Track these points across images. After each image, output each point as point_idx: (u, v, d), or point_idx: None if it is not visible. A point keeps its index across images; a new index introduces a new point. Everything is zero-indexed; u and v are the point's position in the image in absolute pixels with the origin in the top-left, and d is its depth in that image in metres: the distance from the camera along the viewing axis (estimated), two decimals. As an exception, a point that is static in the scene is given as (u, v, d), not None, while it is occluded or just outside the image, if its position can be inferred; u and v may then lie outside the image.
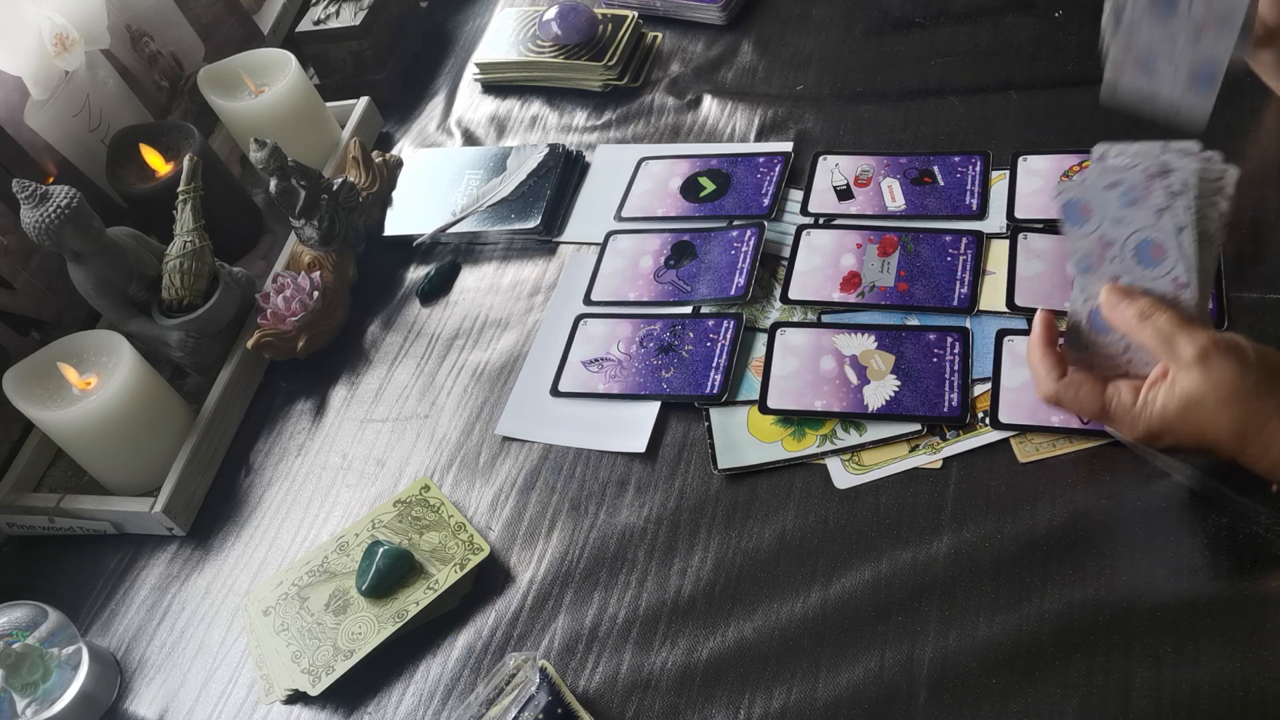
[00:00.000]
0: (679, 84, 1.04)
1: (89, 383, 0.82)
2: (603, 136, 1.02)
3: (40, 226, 0.80)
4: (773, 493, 0.72)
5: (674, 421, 0.78)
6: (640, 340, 0.83)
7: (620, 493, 0.75)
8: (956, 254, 0.81)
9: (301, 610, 0.74)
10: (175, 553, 0.83)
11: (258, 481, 0.86)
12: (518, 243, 0.95)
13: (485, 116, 1.09)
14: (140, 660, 0.77)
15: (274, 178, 0.90)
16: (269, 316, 0.90)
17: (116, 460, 0.84)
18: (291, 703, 0.71)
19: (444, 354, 0.89)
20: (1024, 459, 0.69)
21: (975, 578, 0.64)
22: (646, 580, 0.70)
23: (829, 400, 0.75)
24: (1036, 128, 0.87)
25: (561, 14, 1.07)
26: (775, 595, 0.67)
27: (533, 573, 0.73)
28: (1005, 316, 0.76)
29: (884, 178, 0.88)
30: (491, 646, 0.70)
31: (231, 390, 0.89)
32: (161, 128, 0.99)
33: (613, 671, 0.67)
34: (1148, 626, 0.60)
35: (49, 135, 0.95)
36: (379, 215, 1.00)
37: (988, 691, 0.60)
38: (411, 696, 0.69)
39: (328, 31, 1.11)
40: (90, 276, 0.85)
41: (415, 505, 0.78)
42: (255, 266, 1.00)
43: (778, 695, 0.63)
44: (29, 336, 0.92)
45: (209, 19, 1.13)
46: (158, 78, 1.09)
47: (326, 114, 1.08)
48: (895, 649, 0.63)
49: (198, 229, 0.86)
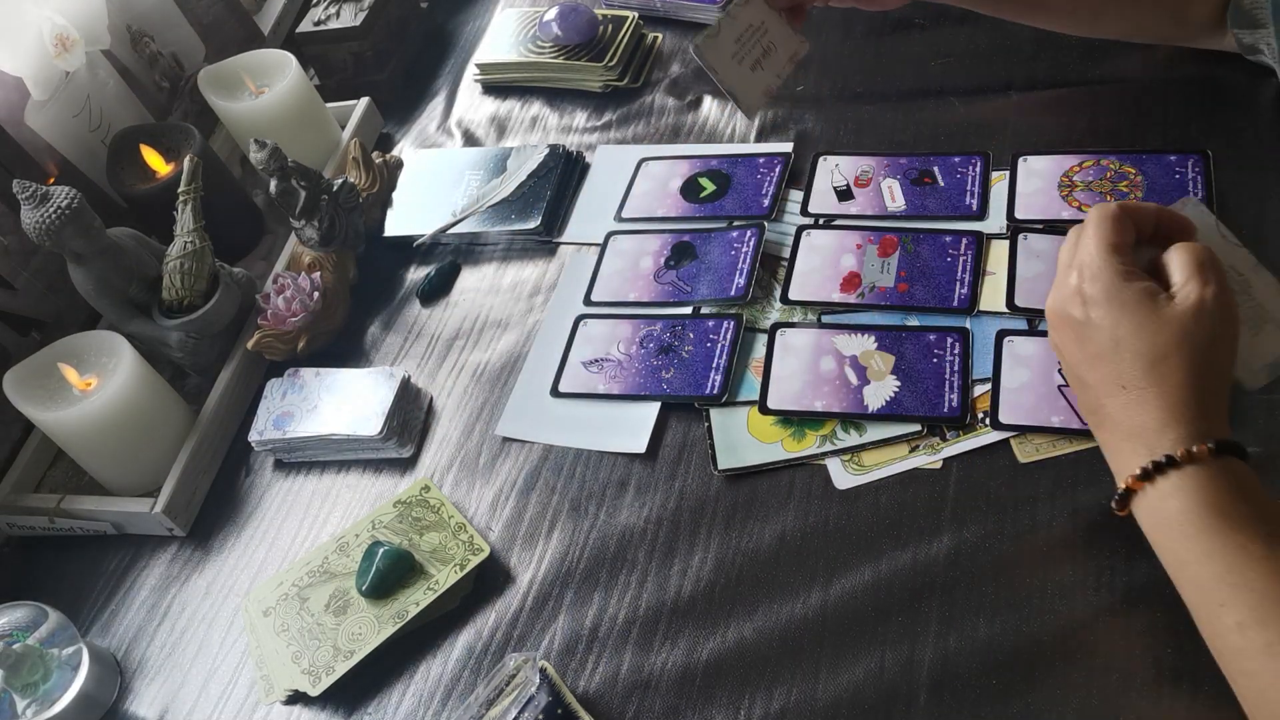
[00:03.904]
0: (679, 84, 1.04)
1: (89, 383, 0.82)
2: (603, 137, 1.02)
3: (41, 227, 0.80)
4: (773, 493, 0.72)
5: (674, 422, 0.78)
6: (640, 341, 0.83)
7: (620, 493, 0.75)
8: (956, 254, 0.81)
9: (301, 611, 0.74)
10: (175, 553, 0.83)
11: (258, 482, 0.86)
12: (518, 243, 0.95)
13: (485, 117, 1.09)
14: (140, 661, 0.77)
15: (274, 178, 0.90)
16: (269, 317, 0.90)
17: (116, 461, 0.84)
18: (291, 703, 0.71)
19: (444, 354, 0.89)
20: (1024, 459, 0.69)
21: (975, 578, 0.64)
22: (646, 581, 0.70)
23: (829, 401, 0.74)
24: (1036, 128, 0.87)
25: (562, 14, 1.07)
26: (775, 595, 0.67)
27: (533, 573, 0.73)
28: (1005, 317, 0.76)
29: (884, 178, 0.88)
30: (491, 647, 0.70)
31: (231, 390, 0.89)
32: (162, 128, 0.99)
33: (613, 672, 0.67)
34: (1147, 626, 0.60)
35: (49, 136, 0.95)
36: (379, 216, 1.00)
37: (988, 691, 0.60)
38: (411, 697, 0.69)
39: (328, 32, 1.11)
40: (90, 277, 0.85)
41: (415, 506, 0.78)
42: (255, 267, 1.00)
43: (778, 696, 0.63)
44: (29, 337, 0.92)
45: (209, 20, 1.13)
46: (158, 78, 1.09)
47: (327, 114, 1.08)
48: (895, 649, 0.63)
49: (198, 229, 0.87)
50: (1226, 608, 0.50)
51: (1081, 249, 0.59)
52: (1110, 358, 0.57)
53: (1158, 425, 0.55)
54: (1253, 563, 0.50)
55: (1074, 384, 0.61)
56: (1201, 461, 0.53)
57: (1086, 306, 0.58)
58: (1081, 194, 0.81)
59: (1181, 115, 0.83)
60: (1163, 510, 0.54)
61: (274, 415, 0.85)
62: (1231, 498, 0.52)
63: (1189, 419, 0.54)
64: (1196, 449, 0.53)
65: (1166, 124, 0.83)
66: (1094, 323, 0.57)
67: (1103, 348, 0.57)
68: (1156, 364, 0.55)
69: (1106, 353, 0.57)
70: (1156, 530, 0.55)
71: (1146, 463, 0.54)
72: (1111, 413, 0.57)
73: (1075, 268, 0.59)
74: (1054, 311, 0.61)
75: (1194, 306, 0.56)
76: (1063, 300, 0.60)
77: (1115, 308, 0.57)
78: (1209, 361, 0.56)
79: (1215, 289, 0.56)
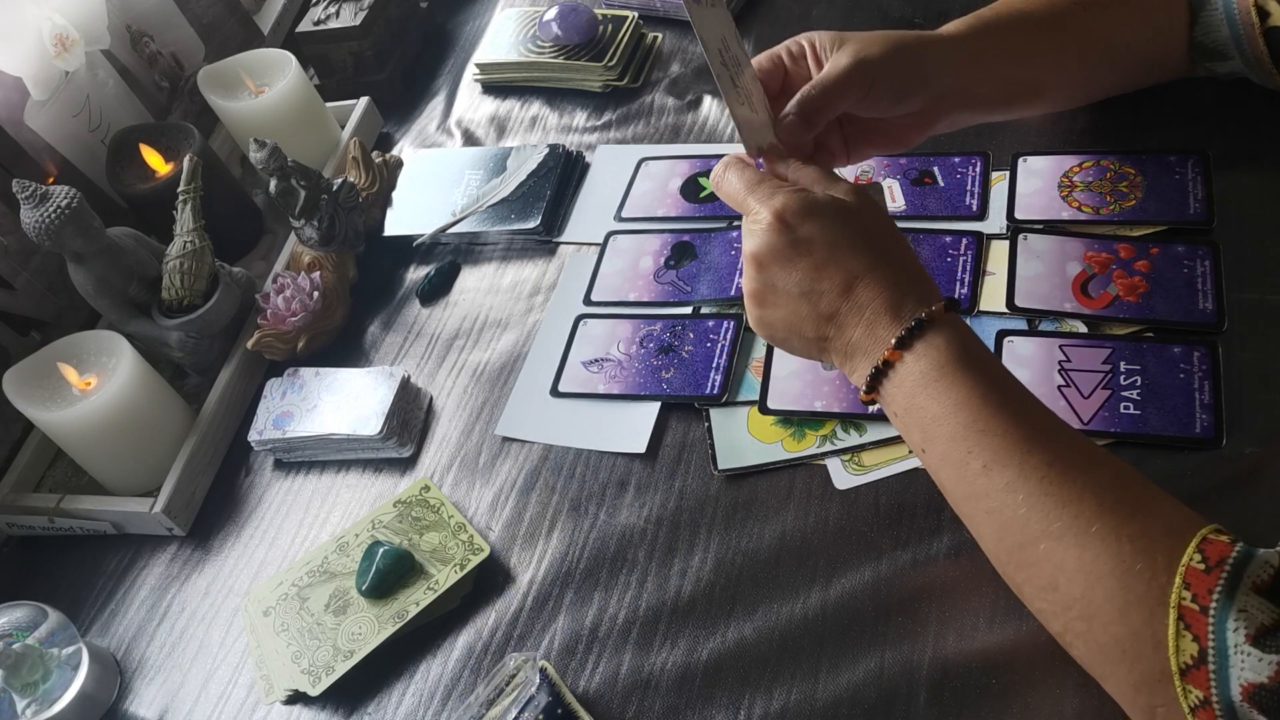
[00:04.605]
0: (679, 84, 1.04)
1: (89, 383, 0.82)
2: (603, 137, 1.02)
3: (40, 227, 0.80)
4: (773, 493, 0.72)
5: (674, 422, 0.78)
6: (640, 341, 0.83)
7: (620, 493, 0.75)
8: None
9: (301, 610, 0.74)
10: (175, 553, 0.83)
11: (258, 481, 0.86)
12: (518, 243, 0.95)
13: (485, 117, 1.09)
14: (140, 660, 0.77)
15: (274, 178, 0.90)
16: (269, 317, 0.90)
17: (116, 460, 0.84)
18: (291, 703, 0.71)
19: (444, 354, 0.89)
20: (1024, 459, 0.69)
21: (975, 578, 0.64)
22: (646, 581, 0.70)
23: (829, 401, 0.74)
24: (1036, 128, 0.87)
25: (561, 14, 1.07)
26: (775, 595, 0.67)
27: (533, 573, 0.73)
28: (1005, 317, 0.76)
29: (884, 178, 0.88)
30: (491, 647, 0.70)
31: (231, 390, 0.89)
32: (161, 128, 0.99)
33: (613, 672, 0.67)
34: (1148, 627, 0.60)
35: (49, 135, 0.95)
36: (379, 215, 1.00)
37: (988, 691, 0.60)
38: (411, 697, 0.69)
39: (328, 32, 1.11)
40: (90, 277, 0.85)
41: (415, 505, 0.78)
42: (255, 266, 1.00)
43: (778, 696, 0.63)
44: (29, 337, 0.92)
45: (209, 19, 1.13)
46: (158, 78, 1.09)
47: (326, 114, 1.08)
48: (895, 649, 0.63)
49: (198, 229, 0.87)
50: (973, 454, 0.56)
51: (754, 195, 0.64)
52: (835, 259, 0.61)
53: (896, 298, 0.59)
54: (993, 409, 0.56)
55: (800, 312, 0.63)
56: (941, 318, 0.58)
57: (792, 229, 0.61)
58: (1081, 194, 0.81)
59: (1181, 115, 0.83)
60: (918, 371, 0.58)
61: (274, 415, 0.85)
62: (969, 347, 0.58)
63: (916, 282, 0.61)
64: (935, 307, 0.59)
65: (1166, 124, 0.83)
66: (805, 238, 0.61)
67: (822, 254, 0.61)
68: (871, 247, 0.61)
69: (828, 256, 0.61)
70: (914, 394, 0.58)
71: (900, 330, 0.58)
72: (848, 311, 0.61)
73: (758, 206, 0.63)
74: (760, 251, 0.62)
75: (858, 194, 0.63)
76: (763, 237, 0.62)
77: (817, 216, 0.61)
78: (895, 233, 0.63)
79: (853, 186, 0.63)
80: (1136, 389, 0.69)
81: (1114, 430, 0.68)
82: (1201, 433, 0.66)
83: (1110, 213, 0.79)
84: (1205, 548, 0.49)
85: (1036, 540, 0.53)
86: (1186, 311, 0.72)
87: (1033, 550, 0.53)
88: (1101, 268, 0.76)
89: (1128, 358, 0.71)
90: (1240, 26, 0.74)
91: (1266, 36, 0.73)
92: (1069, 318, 0.74)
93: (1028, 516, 0.53)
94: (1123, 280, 0.75)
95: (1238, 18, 0.73)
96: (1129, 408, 0.68)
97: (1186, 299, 0.73)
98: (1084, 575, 0.51)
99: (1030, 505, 0.53)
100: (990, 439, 0.55)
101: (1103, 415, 0.69)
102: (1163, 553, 0.50)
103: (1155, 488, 0.54)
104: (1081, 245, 0.78)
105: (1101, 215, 0.79)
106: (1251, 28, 0.73)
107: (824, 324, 0.62)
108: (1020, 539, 0.54)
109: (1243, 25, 0.73)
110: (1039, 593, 0.55)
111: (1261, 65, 0.74)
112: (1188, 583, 0.48)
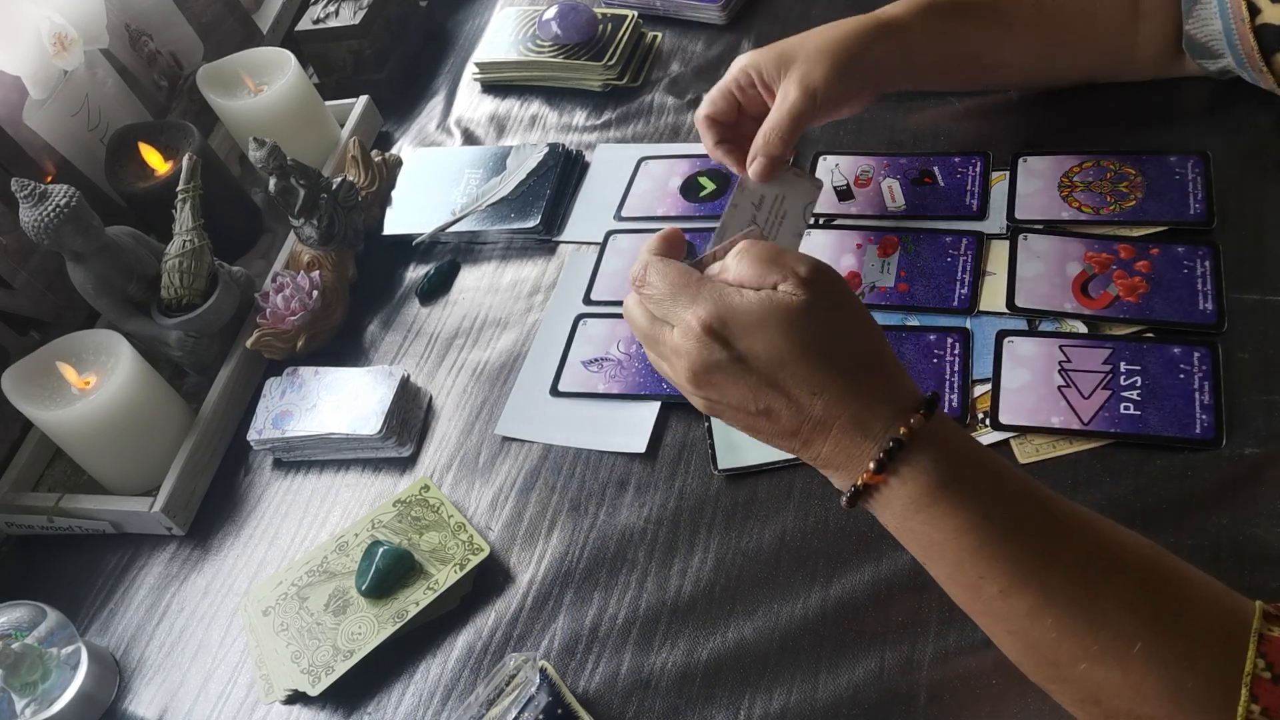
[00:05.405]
0: (679, 84, 1.04)
1: (88, 382, 0.82)
2: (602, 136, 1.02)
3: (39, 226, 0.80)
4: (773, 493, 0.72)
5: (674, 421, 0.78)
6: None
7: (620, 493, 0.75)
8: (956, 254, 0.81)
9: (301, 610, 0.74)
10: (174, 552, 0.83)
11: (257, 481, 0.86)
12: (517, 242, 0.95)
13: (485, 116, 1.09)
14: (139, 660, 0.77)
15: (273, 177, 0.90)
16: (268, 316, 0.90)
17: (115, 459, 0.84)
18: (291, 703, 0.71)
19: (443, 354, 0.89)
20: (1024, 460, 0.69)
21: (975, 578, 0.64)
22: (646, 581, 0.70)
23: (829, 400, 0.74)
24: (1036, 128, 0.87)
25: (561, 14, 1.07)
26: (775, 595, 0.67)
27: (533, 573, 0.73)
28: (1005, 317, 0.76)
29: (884, 178, 0.88)
30: (491, 647, 0.70)
31: (230, 389, 0.89)
32: (161, 127, 0.99)
33: (613, 672, 0.67)
34: (1148, 627, 0.60)
35: (48, 134, 0.95)
36: (378, 214, 1.00)
37: (988, 691, 0.60)
38: (411, 697, 0.69)
39: (327, 30, 1.11)
40: (89, 276, 0.85)
41: (415, 505, 0.78)
42: (255, 266, 1.00)
43: (778, 696, 0.63)
44: (28, 336, 0.92)
45: (208, 18, 1.13)
46: (157, 77, 1.09)
47: (326, 113, 1.08)
48: (895, 649, 0.63)
49: (197, 228, 0.86)
50: (986, 579, 0.51)
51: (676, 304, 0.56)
52: (781, 376, 0.54)
53: (861, 415, 0.53)
54: (1000, 533, 0.51)
55: (757, 427, 0.57)
56: (922, 434, 0.52)
57: (727, 346, 0.54)
58: (1081, 194, 0.81)
59: (1181, 115, 0.83)
60: (905, 496, 0.53)
61: (273, 414, 0.85)
62: (962, 460, 0.52)
63: (886, 388, 0.54)
64: (914, 420, 0.52)
65: (1166, 124, 0.83)
66: (742, 353, 0.54)
67: (766, 372, 0.54)
68: (824, 354, 0.53)
69: (774, 374, 0.54)
70: (906, 518, 0.53)
71: (877, 452, 0.52)
72: (810, 429, 0.54)
73: (684, 323, 0.55)
74: (697, 368, 0.55)
75: (808, 287, 0.54)
76: (697, 354, 0.55)
77: (754, 328, 0.54)
78: (856, 324, 0.55)
79: (806, 266, 0.55)
80: (1136, 389, 0.69)
81: (1114, 430, 0.68)
82: (1201, 433, 0.66)
83: (1110, 213, 0.79)
84: (1265, 649, 0.46)
85: (1074, 661, 0.49)
86: (1186, 312, 0.72)
87: (1069, 669, 0.49)
88: (1102, 268, 0.76)
89: (1128, 358, 0.71)
90: (1231, 20, 0.73)
91: (1257, 33, 0.73)
92: (1069, 318, 0.74)
93: (1059, 640, 0.49)
94: (1123, 280, 0.75)
95: (1229, 11, 0.73)
96: (1129, 408, 0.69)
97: (1186, 299, 0.73)
98: (1131, 692, 0.47)
99: (1061, 629, 0.49)
100: (1003, 564, 0.50)
101: (1103, 415, 0.69)
102: (1217, 664, 0.46)
103: (1186, 569, 0.50)
104: (1082, 245, 0.78)
105: (1102, 215, 0.79)
106: (1242, 23, 0.73)
107: (788, 438, 0.56)
108: (1053, 658, 0.50)
109: (1234, 19, 0.73)
110: (1077, 705, 0.51)
111: (1252, 62, 0.74)
112: (1255, 695, 0.45)
